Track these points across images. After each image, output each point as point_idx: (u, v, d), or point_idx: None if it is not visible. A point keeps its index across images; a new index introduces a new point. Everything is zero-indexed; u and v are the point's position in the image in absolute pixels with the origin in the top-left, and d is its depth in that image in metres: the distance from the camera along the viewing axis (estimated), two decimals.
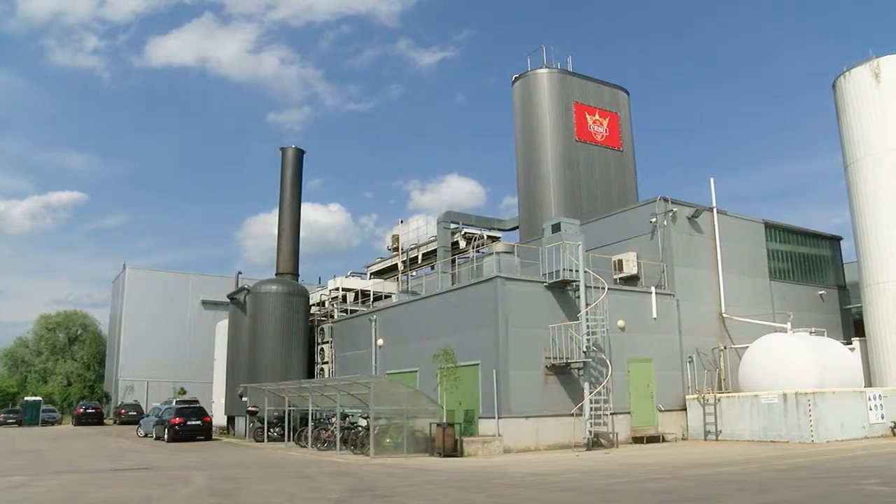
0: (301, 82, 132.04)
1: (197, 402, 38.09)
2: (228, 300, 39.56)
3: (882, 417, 25.87)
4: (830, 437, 23.61)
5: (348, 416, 27.13)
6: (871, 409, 25.65)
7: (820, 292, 35.34)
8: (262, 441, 31.73)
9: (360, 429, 25.27)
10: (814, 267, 36.06)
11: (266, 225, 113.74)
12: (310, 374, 36.41)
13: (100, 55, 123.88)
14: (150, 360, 57.30)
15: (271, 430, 32.11)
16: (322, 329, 37.86)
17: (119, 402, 55.68)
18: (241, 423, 36.37)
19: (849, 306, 36.36)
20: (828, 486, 13.32)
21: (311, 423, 28.27)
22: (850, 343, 31.39)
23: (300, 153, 43.46)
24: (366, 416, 24.97)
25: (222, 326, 40.94)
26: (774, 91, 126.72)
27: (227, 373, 38.12)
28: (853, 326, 35.29)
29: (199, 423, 33.56)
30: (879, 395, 26.32)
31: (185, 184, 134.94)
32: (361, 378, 25.62)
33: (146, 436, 36.56)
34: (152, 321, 58.36)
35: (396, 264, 45.24)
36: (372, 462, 21.28)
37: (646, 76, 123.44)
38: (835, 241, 37.71)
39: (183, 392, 48.67)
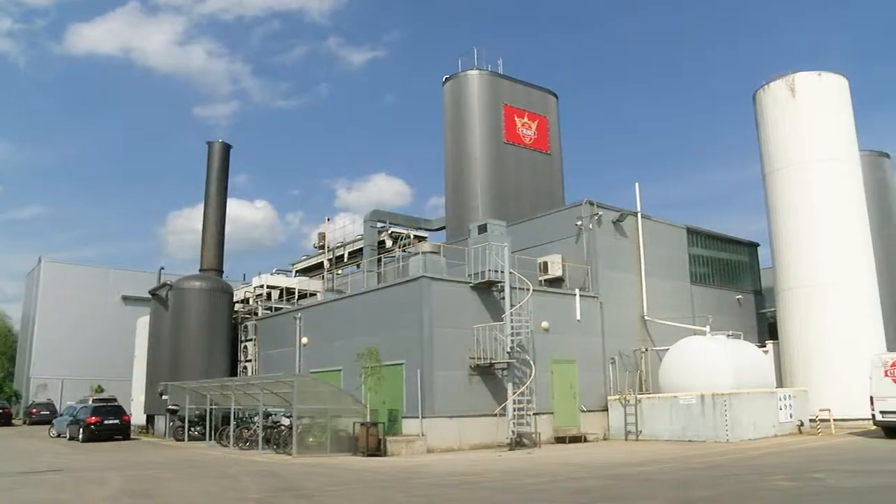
0: (229, 77, 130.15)
1: (115, 400, 37.09)
2: (150, 296, 38.75)
3: (790, 416, 26.89)
4: (744, 436, 24.38)
5: (271, 414, 26.86)
6: (781, 409, 26.63)
7: (737, 296, 36.56)
8: (183, 440, 31.18)
9: (283, 428, 25.03)
10: (732, 272, 37.28)
11: (190, 220, 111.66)
12: (233, 372, 35.90)
13: (15, 38, 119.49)
14: (66, 358, 55.55)
15: (192, 428, 31.57)
16: (246, 327, 37.38)
17: (30, 402, 53.83)
18: (161, 421, 35.64)
19: (764, 310, 37.71)
20: (740, 484, 13.79)
21: (233, 422, 27.89)
22: (765, 346, 32.62)
23: (227, 148, 42.82)
24: (289, 414, 24.77)
25: (143, 323, 40.07)
26: (701, 100, 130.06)
27: (147, 370, 37.31)
28: (768, 330, 36.60)
29: (116, 422, 32.74)
30: (789, 396, 27.35)
31: (107, 176, 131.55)
32: (285, 376, 25.42)
33: (59, 436, 35.42)
34: (69, 317, 56.64)
35: (322, 262, 44.93)
36: (295, 461, 21.12)
37: (575, 81, 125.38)
38: (752, 247, 39.07)
39: (100, 390, 47.29)
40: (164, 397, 33.78)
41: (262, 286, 40.39)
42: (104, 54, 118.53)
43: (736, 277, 37.51)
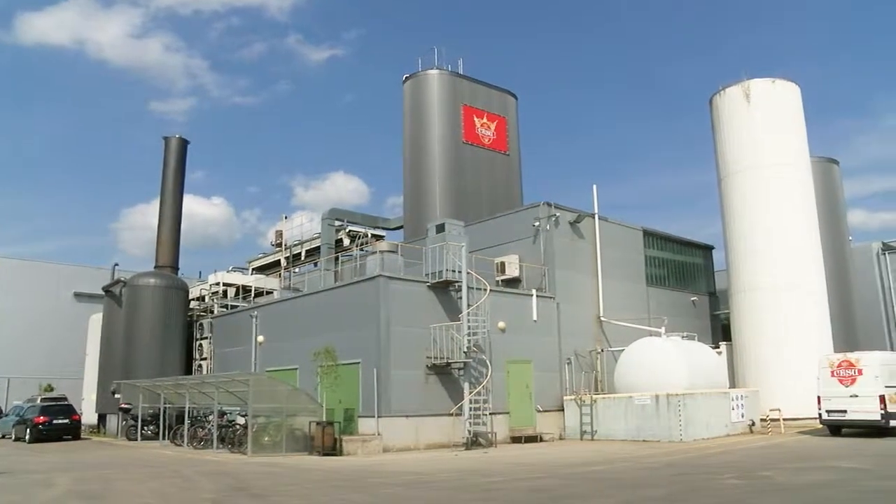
0: (186, 72, 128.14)
1: (65, 399, 36.46)
2: (103, 293, 38.16)
3: (742, 416, 27.37)
4: (697, 436, 24.75)
5: (226, 413, 26.66)
6: (733, 409, 27.09)
7: (692, 298, 37.11)
8: (136, 440, 30.80)
9: (238, 427, 24.84)
10: (688, 274, 37.84)
11: (145, 216, 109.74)
12: (187, 370, 35.52)
13: None
14: (13, 356, 54.24)
15: (145, 428, 31.19)
16: (201, 324, 37.00)
17: None
18: (113, 421, 35.14)
19: (718, 312, 38.35)
20: (692, 482, 14.02)
21: (187, 421, 27.61)
22: (718, 347, 33.19)
23: (184, 143, 42.31)
24: (244, 413, 24.59)
25: (96, 320, 39.46)
26: (659, 104, 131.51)
27: (99, 369, 36.77)
28: (721, 331, 37.23)
29: (66, 421, 32.20)
30: (741, 396, 27.84)
31: (59, 171, 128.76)
32: (240, 375, 25.26)
33: (4, 437, 34.70)
34: (17, 313, 55.15)
35: (279, 260, 44.65)
36: (250, 461, 20.99)
37: (535, 83, 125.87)
38: (707, 250, 39.67)
39: (50, 389, 46.35)
40: (116, 396, 33.29)
41: (218, 284, 40.05)
42: (55, 45, 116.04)
43: (691, 279, 38.07)
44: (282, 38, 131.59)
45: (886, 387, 23.21)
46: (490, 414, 25.34)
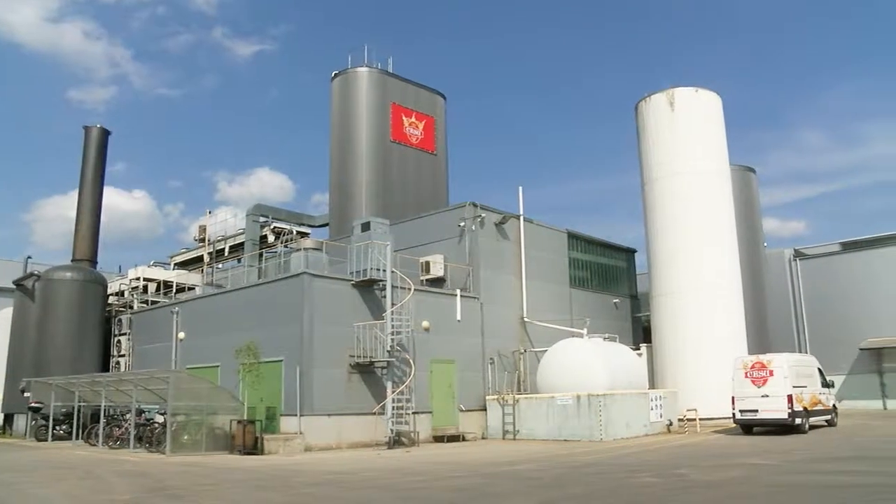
0: (108, 60, 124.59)
1: None
2: (14, 286, 36.86)
3: (661, 416, 28.00)
4: (617, 436, 25.22)
5: (144, 412, 26.06)
6: (652, 409, 27.69)
7: (615, 300, 37.84)
8: (46, 440, 29.76)
9: (156, 425, 24.30)
10: (610, 277, 38.56)
11: (62, 208, 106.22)
12: (104, 367, 34.59)
13: None
14: None
15: (57, 427, 30.20)
16: (120, 320, 36.09)
17: None
18: (21, 421, 33.95)
19: (639, 314, 39.21)
20: (611, 481, 14.30)
21: (102, 420, 26.88)
22: (639, 348, 33.94)
23: (105, 133, 41.28)
24: (163, 412, 24.10)
25: (5, 315, 38.04)
26: (586, 109, 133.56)
27: (8, 366, 35.41)
28: (642, 333, 38.07)
29: None
30: (660, 396, 28.48)
31: None
32: (160, 372, 24.76)
33: None
34: None
35: (202, 256, 43.81)
36: (168, 460, 20.58)
37: (464, 85, 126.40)
38: (630, 253, 40.51)
39: None
40: (25, 394, 32.08)
41: (138, 279, 39.09)
42: None
43: (614, 282, 38.79)
44: (208, 30, 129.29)
45: (794, 387, 24.27)
46: (413, 413, 25.36)
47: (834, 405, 28.23)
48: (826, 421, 27.05)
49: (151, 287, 38.79)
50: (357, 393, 24.77)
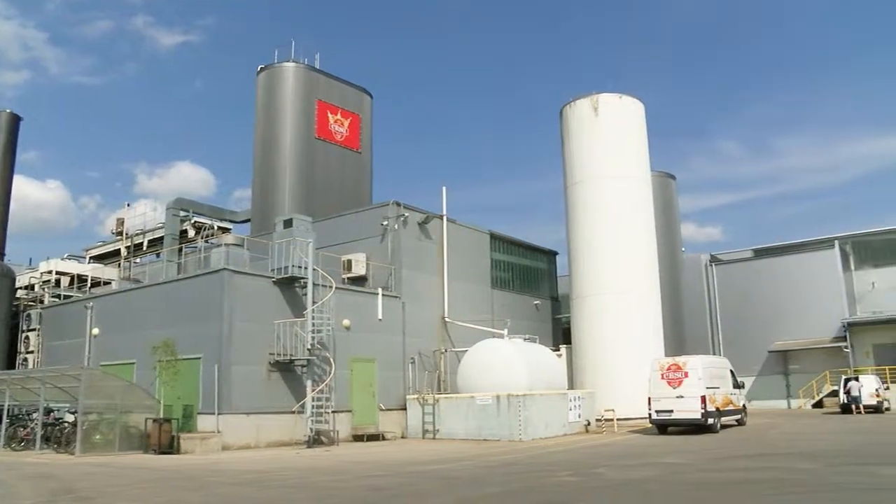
0: (20, 43, 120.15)
1: None
2: None
3: (579, 416, 28.45)
4: (536, 435, 25.48)
5: (53, 411, 25.19)
6: (571, 409, 28.10)
7: (535, 302, 38.27)
8: None
9: (66, 425, 23.51)
10: (532, 278, 38.99)
11: None
12: (10, 364, 33.36)
13: None
14: None
15: None
16: (29, 315, 34.80)
17: None
18: None
19: (560, 316, 39.78)
20: (529, 479, 14.44)
21: (5, 420, 25.79)
22: (559, 349, 34.40)
23: (16, 119, 39.90)
24: (74, 410, 23.34)
25: None
26: (511, 112, 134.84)
27: None
28: (562, 334, 38.62)
29: None
30: (578, 397, 28.92)
31: None
32: (71, 369, 23.93)
33: None
34: None
35: (119, 249, 42.67)
36: (78, 461, 19.92)
37: (391, 84, 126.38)
38: (552, 255, 41.07)
39: None
40: None
41: (50, 272, 37.85)
42: None
43: (535, 284, 39.25)
44: (130, 17, 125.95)
45: (708, 388, 25.01)
46: (333, 412, 25.17)
47: (744, 405, 29.25)
48: (737, 420, 27.98)
49: (64, 281, 37.60)
50: (277, 391, 24.47)
